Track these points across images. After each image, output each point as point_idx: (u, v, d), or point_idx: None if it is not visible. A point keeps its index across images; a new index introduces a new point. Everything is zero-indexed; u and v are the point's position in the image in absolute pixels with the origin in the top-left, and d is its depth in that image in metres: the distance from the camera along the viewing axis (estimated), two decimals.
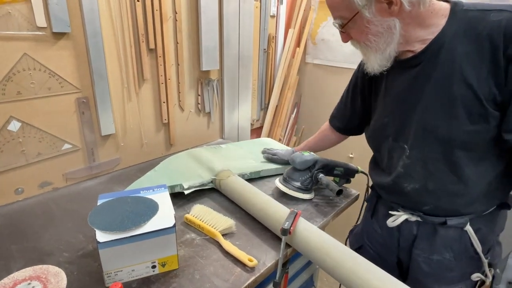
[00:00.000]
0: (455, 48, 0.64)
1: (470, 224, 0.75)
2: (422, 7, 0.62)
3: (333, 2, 0.67)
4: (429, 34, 0.66)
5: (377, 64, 0.70)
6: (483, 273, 0.79)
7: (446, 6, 0.66)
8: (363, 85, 0.87)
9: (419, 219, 0.78)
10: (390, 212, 0.83)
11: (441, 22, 0.66)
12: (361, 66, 0.87)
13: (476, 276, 0.78)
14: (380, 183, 0.85)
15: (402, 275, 0.88)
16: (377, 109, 0.82)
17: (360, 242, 0.96)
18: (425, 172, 0.73)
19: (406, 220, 0.80)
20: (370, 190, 1.00)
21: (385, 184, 0.82)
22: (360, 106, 0.91)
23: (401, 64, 0.72)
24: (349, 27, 0.68)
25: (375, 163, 0.89)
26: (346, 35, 0.72)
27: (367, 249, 0.93)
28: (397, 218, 0.81)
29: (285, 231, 0.71)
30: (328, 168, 0.99)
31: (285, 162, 1.08)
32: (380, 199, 0.90)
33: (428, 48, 0.67)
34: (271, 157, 1.12)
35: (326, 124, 1.09)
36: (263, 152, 1.16)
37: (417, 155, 0.72)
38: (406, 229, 0.82)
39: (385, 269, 0.86)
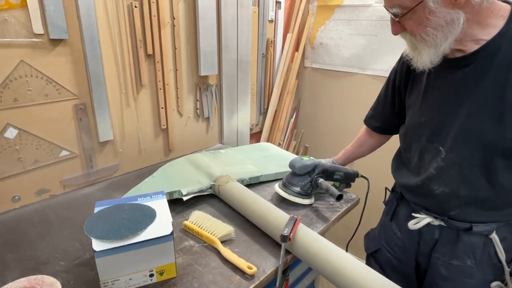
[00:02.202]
0: None
1: (496, 232, 0.73)
2: (485, 2, 0.59)
3: None
4: (485, 34, 0.63)
5: (429, 60, 0.66)
6: (504, 282, 0.77)
7: (506, 7, 0.64)
8: (400, 81, 0.85)
9: (442, 223, 0.76)
10: (413, 214, 0.81)
11: (499, 23, 0.63)
12: (400, 61, 0.84)
13: (495, 285, 0.76)
14: (406, 183, 0.82)
15: (418, 279, 0.86)
16: (413, 107, 0.79)
17: (377, 245, 0.94)
18: (459, 177, 0.70)
19: (428, 223, 0.78)
20: (372, 194, 0.99)
21: (411, 185, 0.79)
22: (398, 103, 0.88)
23: (448, 63, 0.68)
24: (406, 17, 0.63)
25: (400, 163, 0.87)
26: (398, 27, 0.66)
27: (385, 253, 0.91)
28: (420, 221, 0.79)
29: (285, 238, 0.70)
30: (328, 172, 0.98)
31: None
32: (401, 202, 0.88)
33: (482, 49, 0.64)
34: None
35: (362, 129, 1.05)
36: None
37: (454, 159, 0.70)
38: (427, 233, 0.80)
39: (403, 272, 0.86)
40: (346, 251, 0.89)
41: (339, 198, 0.92)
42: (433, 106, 0.73)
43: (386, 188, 0.99)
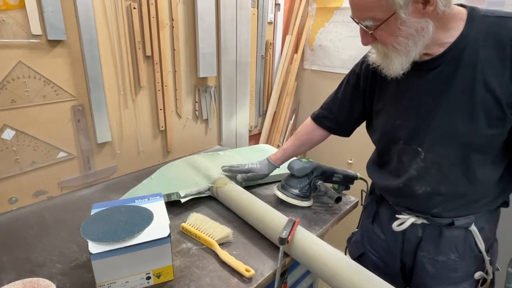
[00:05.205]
0: (477, 53, 0.64)
1: (474, 224, 0.76)
2: (448, 9, 0.62)
3: (366, 2, 0.62)
4: (449, 37, 0.66)
5: (400, 67, 0.67)
6: (484, 270, 0.79)
7: (463, 10, 0.67)
8: (366, 85, 0.85)
9: (425, 221, 0.78)
10: (396, 216, 0.82)
11: (460, 26, 0.66)
12: (363, 65, 0.84)
13: (479, 275, 0.79)
14: (386, 186, 0.83)
15: (405, 280, 0.87)
16: (385, 112, 0.80)
17: (361, 249, 0.94)
18: (439, 175, 0.72)
19: (412, 223, 0.79)
20: (365, 194, 0.98)
21: (393, 187, 0.80)
22: (360, 108, 0.89)
23: (417, 67, 0.70)
24: (380, 29, 0.64)
25: (377, 166, 0.88)
26: (369, 37, 0.67)
27: (370, 256, 0.91)
28: (404, 221, 0.80)
29: (283, 240, 0.70)
30: (327, 174, 0.97)
31: (265, 176, 1.01)
32: (382, 204, 0.88)
33: (448, 51, 0.66)
34: (247, 176, 0.99)
35: (304, 127, 0.99)
36: (228, 171, 1.02)
37: (433, 159, 0.72)
38: (411, 232, 0.81)
39: (389, 274, 0.86)
40: (345, 253, 0.89)
41: (337, 200, 0.92)
42: (407, 109, 0.74)
43: (362, 191, 0.98)
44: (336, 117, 0.94)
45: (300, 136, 1.00)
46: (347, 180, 1.02)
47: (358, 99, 0.88)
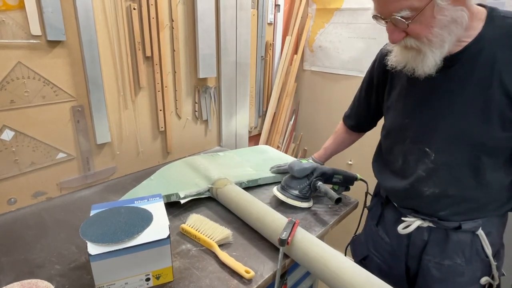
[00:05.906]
0: (495, 54, 0.63)
1: (481, 228, 0.74)
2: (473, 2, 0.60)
3: None
4: (467, 36, 0.64)
5: (434, 62, 0.63)
6: (490, 275, 0.78)
7: (483, 10, 0.65)
8: (379, 82, 0.85)
9: (431, 224, 0.77)
10: (402, 218, 0.81)
11: (479, 25, 0.64)
12: (375, 64, 0.86)
13: (485, 280, 0.78)
14: (392, 187, 0.82)
15: (409, 284, 0.86)
16: (394, 109, 0.79)
17: (364, 252, 0.93)
18: (448, 177, 0.71)
19: (418, 226, 0.78)
20: (370, 196, 0.98)
21: (399, 188, 0.79)
22: (374, 103, 0.91)
23: None
24: (415, 20, 0.59)
25: (382, 166, 0.87)
26: (399, 33, 0.63)
27: (374, 259, 0.90)
28: (409, 224, 0.78)
29: (283, 242, 0.69)
30: (327, 175, 0.97)
31: None
32: (387, 206, 0.88)
33: (465, 50, 0.65)
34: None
35: (341, 126, 1.08)
36: (276, 171, 1.09)
37: (443, 160, 0.71)
38: (417, 235, 0.80)
39: (393, 277, 0.85)
40: (345, 254, 0.88)
41: (337, 201, 0.91)
42: (416, 108, 0.73)
43: (367, 193, 0.98)
44: (356, 115, 1.00)
45: (338, 134, 1.09)
46: (347, 181, 1.01)
47: (372, 97, 0.90)
